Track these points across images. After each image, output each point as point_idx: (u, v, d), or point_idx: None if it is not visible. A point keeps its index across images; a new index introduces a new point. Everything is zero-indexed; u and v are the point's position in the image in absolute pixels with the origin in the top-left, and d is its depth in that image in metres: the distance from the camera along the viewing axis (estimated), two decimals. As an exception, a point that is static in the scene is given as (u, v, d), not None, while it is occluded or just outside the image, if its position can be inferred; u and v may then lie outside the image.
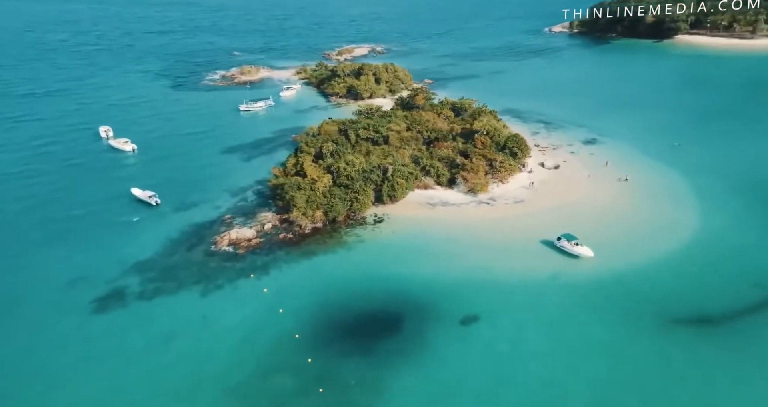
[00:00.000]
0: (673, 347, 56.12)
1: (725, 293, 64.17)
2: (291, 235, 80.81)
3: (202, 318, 63.87)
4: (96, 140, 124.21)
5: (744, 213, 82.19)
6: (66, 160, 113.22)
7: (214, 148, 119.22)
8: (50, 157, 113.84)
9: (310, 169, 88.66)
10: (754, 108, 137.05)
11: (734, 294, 63.89)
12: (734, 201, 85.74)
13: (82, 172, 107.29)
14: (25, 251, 78.20)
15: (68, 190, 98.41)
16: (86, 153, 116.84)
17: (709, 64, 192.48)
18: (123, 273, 72.45)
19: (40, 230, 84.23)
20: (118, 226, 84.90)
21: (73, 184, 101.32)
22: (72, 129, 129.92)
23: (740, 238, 74.76)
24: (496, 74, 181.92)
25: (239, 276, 71.48)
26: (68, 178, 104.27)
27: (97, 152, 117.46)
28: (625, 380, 52.25)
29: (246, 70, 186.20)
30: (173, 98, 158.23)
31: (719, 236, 75.70)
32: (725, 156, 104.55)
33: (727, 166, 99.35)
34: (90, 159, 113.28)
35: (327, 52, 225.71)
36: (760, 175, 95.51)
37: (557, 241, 73.24)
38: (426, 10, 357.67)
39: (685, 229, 77.28)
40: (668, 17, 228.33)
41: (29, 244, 79.96)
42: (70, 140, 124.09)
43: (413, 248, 76.12)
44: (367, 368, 55.13)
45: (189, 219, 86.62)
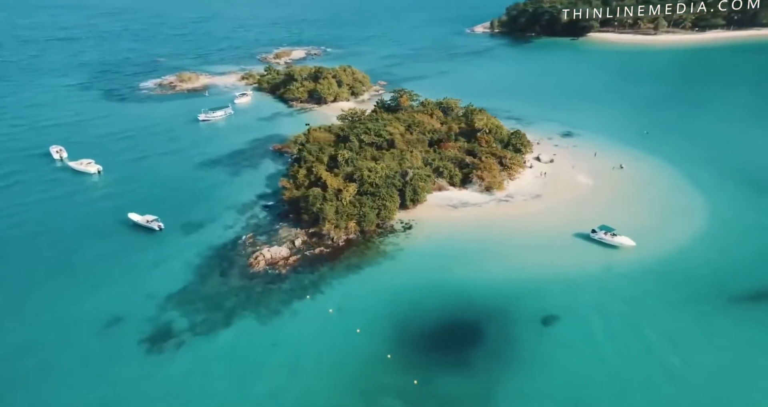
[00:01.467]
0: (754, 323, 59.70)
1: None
2: (327, 249, 77.31)
3: (272, 346, 59.39)
4: (49, 162, 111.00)
5: (738, 192, 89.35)
6: (28, 187, 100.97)
7: (188, 163, 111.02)
8: (10, 187, 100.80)
9: (331, 179, 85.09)
10: (690, 95, 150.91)
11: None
12: (724, 181, 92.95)
13: (56, 200, 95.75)
14: (36, 298, 68.29)
15: (52, 223, 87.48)
16: (48, 179, 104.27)
17: (629, 58, 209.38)
18: (160, 309, 65.60)
19: (41, 272, 73.97)
20: (128, 257, 76.54)
21: (53, 215, 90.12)
22: (19, 153, 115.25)
23: (751, 216, 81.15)
24: (444, 74, 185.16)
25: (292, 298, 67.18)
26: (43, 208, 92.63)
27: (60, 177, 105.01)
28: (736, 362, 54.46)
29: (185, 77, 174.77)
30: (118, 112, 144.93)
31: (731, 214, 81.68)
32: (693, 140, 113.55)
33: (700, 149, 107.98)
34: (56, 186, 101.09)
35: (263, 56, 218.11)
36: (735, 156, 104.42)
37: (593, 234, 75.70)
38: (345, 14, 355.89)
39: (697, 211, 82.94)
40: (581, 16, 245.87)
41: (36, 290, 69.91)
42: (22, 165, 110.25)
43: (455, 252, 75.37)
44: (472, 382, 53.60)
45: (205, 242, 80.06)
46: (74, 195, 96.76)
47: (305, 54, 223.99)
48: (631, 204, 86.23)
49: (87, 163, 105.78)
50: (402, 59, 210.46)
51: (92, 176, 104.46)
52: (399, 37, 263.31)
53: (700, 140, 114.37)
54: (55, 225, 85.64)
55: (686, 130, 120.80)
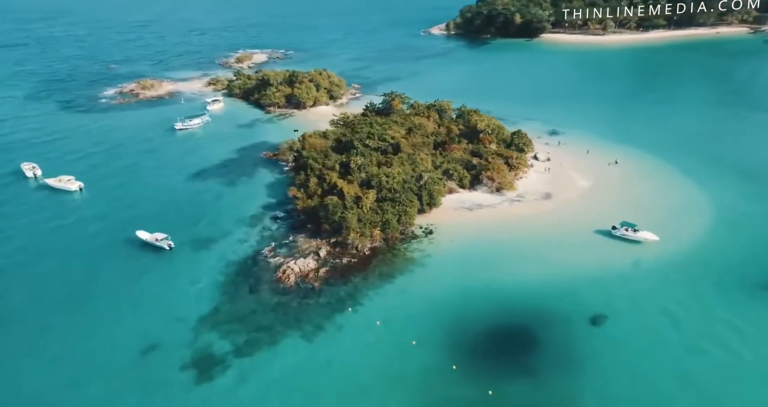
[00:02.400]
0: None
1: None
2: (354, 259, 75.12)
3: (326, 365, 56.90)
4: (23, 181, 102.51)
5: (729, 180, 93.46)
6: (6, 209, 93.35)
7: (177, 175, 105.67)
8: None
9: (347, 186, 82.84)
10: (652, 90, 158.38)
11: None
12: (713, 170, 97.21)
13: (44, 223, 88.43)
14: (56, 333, 62.58)
15: (47, 249, 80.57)
16: (27, 200, 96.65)
17: (585, 57, 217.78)
18: (196, 332, 61.76)
19: (53, 304, 67.82)
20: (145, 280, 71.84)
21: (45, 240, 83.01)
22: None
23: (753, 206, 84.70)
24: (416, 76, 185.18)
25: (333, 312, 64.78)
26: (32, 233, 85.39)
27: (39, 196, 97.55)
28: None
29: (147, 85, 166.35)
30: (84, 124, 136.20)
31: (733, 202, 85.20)
32: (670, 132, 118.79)
33: (679, 140, 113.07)
34: (38, 206, 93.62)
35: (224, 60, 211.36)
36: (712, 145, 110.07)
37: (615, 230, 77.25)
38: (298, 17, 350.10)
39: (702, 203, 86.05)
40: (535, 18, 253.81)
41: (54, 324, 63.98)
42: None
43: (483, 255, 74.92)
44: (546, 389, 52.61)
45: (222, 259, 76.18)
46: (62, 216, 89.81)
47: (267, 57, 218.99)
48: (639, 199, 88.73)
49: (67, 179, 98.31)
50: (369, 62, 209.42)
51: (73, 194, 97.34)
52: (358, 39, 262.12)
53: (677, 132, 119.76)
54: (52, 251, 78.98)
55: (660, 124, 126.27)
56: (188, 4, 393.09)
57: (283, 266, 72.61)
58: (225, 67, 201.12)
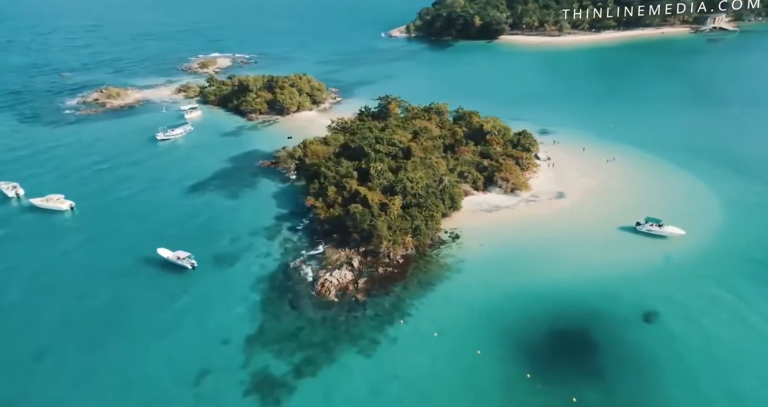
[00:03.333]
0: None
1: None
2: (389, 268, 73.34)
3: (394, 379, 55.15)
4: (4, 202, 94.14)
5: (726, 173, 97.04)
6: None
7: (174, 189, 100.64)
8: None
9: (370, 194, 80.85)
10: (622, 90, 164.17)
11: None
12: (707, 165, 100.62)
13: (43, 247, 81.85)
14: (94, 366, 57.76)
15: (56, 274, 74.32)
16: (14, 222, 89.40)
17: (547, 58, 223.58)
18: (247, 354, 58.75)
19: (80, 334, 62.60)
20: (175, 302, 67.57)
21: (51, 265, 76.63)
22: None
23: (756, 197, 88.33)
24: (389, 78, 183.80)
25: (384, 325, 62.98)
26: (32, 258, 78.69)
27: (27, 218, 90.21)
28: None
29: (112, 93, 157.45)
30: (56, 138, 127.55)
31: (737, 195, 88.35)
32: (655, 129, 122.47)
33: (666, 136, 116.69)
34: (29, 228, 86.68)
35: (186, 65, 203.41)
36: (698, 140, 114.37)
37: (640, 226, 79.11)
38: (252, 20, 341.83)
39: (709, 195, 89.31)
40: (494, 20, 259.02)
41: (87, 357, 59.01)
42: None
43: (516, 258, 74.68)
44: (625, 392, 52.56)
45: (250, 275, 73.03)
46: (63, 238, 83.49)
47: (231, 62, 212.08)
48: (649, 194, 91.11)
49: (56, 198, 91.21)
50: (338, 65, 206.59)
51: (65, 214, 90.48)
52: (321, 42, 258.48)
53: (657, 128, 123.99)
54: (67, 278, 72.81)
55: (639, 121, 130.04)
56: (132, 7, 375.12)
57: (320, 279, 70.09)
58: (189, 73, 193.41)
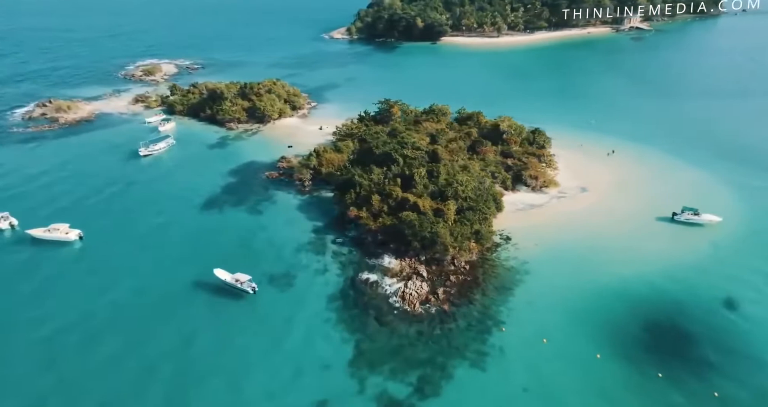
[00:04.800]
0: None
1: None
2: (461, 276, 71.77)
3: (524, 392, 53.87)
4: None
5: (719, 161, 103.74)
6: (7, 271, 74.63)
7: (183, 208, 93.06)
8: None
9: (421, 200, 78.58)
10: (582, 86, 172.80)
11: None
12: (700, 153, 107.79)
13: (73, 284, 72.75)
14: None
15: (106, 312, 66.71)
16: (20, 258, 78.11)
17: (494, 57, 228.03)
18: (357, 379, 55.86)
19: (167, 377, 56.57)
20: (252, 330, 62.67)
21: (96, 303, 68.31)
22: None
23: (762, 181, 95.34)
24: (353, 81, 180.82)
25: (484, 334, 61.89)
26: (57, 295, 69.96)
27: (33, 252, 79.22)
28: None
29: (62, 106, 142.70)
30: (20, 159, 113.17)
31: (744, 181, 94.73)
32: (635, 121, 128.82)
33: (648, 128, 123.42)
34: (42, 264, 76.39)
35: (127, 73, 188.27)
36: (681, 131, 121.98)
37: (678, 215, 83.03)
38: (181, 22, 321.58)
39: (717, 181, 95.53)
40: (436, 22, 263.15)
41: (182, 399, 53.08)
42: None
43: (576, 256, 75.59)
44: (749, 383, 54.26)
45: (317, 294, 69.55)
46: (89, 271, 74.32)
47: (176, 68, 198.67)
48: (663, 184, 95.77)
49: (63, 229, 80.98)
50: (292, 69, 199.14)
51: (73, 244, 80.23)
52: (264, 45, 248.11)
53: (634, 119, 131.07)
54: (114, 316, 64.94)
55: (615, 113, 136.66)
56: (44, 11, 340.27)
57: (398, 292, 67.17)
58: (134, 81, 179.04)
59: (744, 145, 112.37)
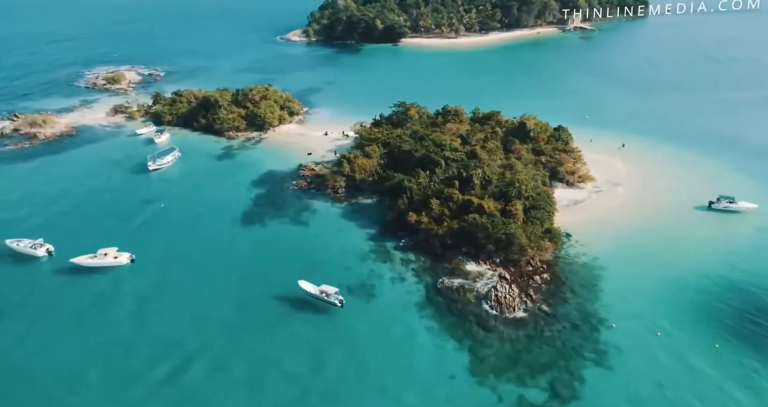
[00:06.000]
0: None
1: None
2: (543, 276, 72.12)
3: (660, 387, 54.47)
4: (29, 264, 73.96)
5: (721, 149, 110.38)
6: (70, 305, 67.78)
7: (222, 223, 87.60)
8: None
9: (486, 202, 78.05)
10: (560, 84, 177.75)
11: None
12: (705, 144, 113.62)
13: (148, 314, 67.56)
14: None
15: (204, 339, 62.48)
16: (79, 289, 70.56)
17: (460, 57, 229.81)
18: (487, 387, 55.17)
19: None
20: (360, 347, 60.28)
21: (185, 327, 64.03)
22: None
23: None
24: (333, 84, 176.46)
25: (594, 333, 62.52)
26: (145, 331, 64.57)
27: (85, 281, 71.45)
28: None
29: (37, 120, 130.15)
30: (19, 181, 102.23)
31: (753, 168, 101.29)
32: (623, 115, 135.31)
33: (645, 121, 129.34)
34: (113, 296, 69.49)
35: (87, 81, 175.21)
36: (677, 123, 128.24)
37: (715, 204, 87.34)
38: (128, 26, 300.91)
39: (734, 169, 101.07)
40: (396, 24, 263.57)
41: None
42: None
43: (643, 249, 77.64)
44: None
45: (405, 303, 68.09)
46: (155, 298, 68.43)
47: (138, 75, 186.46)
48: (684, 174, 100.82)
49: (110, 252, 73.77)
50: (262, 73, 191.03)
51: (124, 268, 73.14)
52: (223, 49, 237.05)
53: (625, 113, 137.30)
54: (203, 340, 60.69)
55: (604, 108, 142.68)
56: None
57: (489, 296, 66.56)
58: (99, 91, 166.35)
59: (736, 135, 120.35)
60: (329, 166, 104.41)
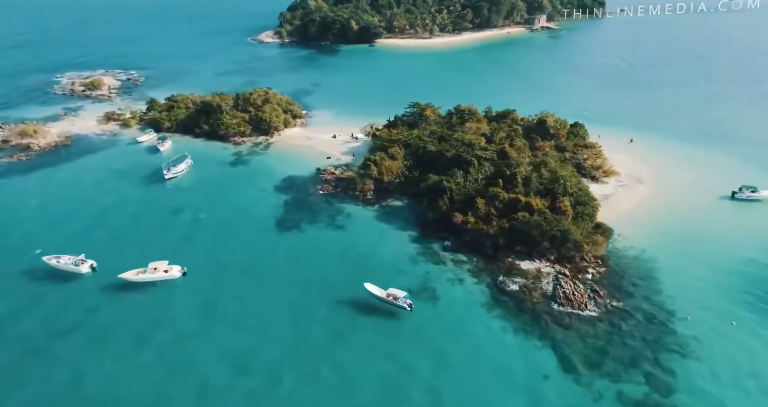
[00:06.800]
0: None
1: None
2: (600, 269, 72.90)
3: (752, 376, 55.66)
4: (72, 281, 69.75)
5: (720, 141, 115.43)
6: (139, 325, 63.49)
7: (260, 231, 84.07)
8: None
9: (533, 200, 78.30)
10: (547, 82, 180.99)
11: None
12: (706, 137, 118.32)
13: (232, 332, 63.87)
14: None
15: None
16: (139, 305, 66.77)
17: (438, 57, 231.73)
18: (582, 384, 54.88)
19: None
20: (442, 349, 59.08)
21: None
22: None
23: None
24: (321, 86, 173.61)
25: (669, 325, 63.08)
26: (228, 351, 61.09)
27: (141, 297, 67.39)
28: None
29: (28, 131, 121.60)
30: (30, 197, 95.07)
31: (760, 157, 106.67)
32: (628, 112, 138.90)
33: (646, 116, 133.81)
34: (183, 313, 65.40)
35: (63, 88, 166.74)
36: (674, 118, 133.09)
37: (738, 193, 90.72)
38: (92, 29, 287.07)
39: (741, 160, 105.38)
40: (371, 24, 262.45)
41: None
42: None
43: (687, 240, 79.15)
44: None
45: (480, 303, 67.22)
46: (223, 314, 64.80)
47: (117, 81, 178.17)
48: (698, 166, 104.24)
49: (160, 266, 70.15)
50: (244, 76, 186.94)
51: (176, 281, 70.08)
52: (197, 52, 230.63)
53: (620, 108, 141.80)
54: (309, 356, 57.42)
55: (598, 104, 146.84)
56: None
57: (556, 293, 66.86)
58: (80, 98, 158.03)
59: (732, 128, 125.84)
60: (353, 168, 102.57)
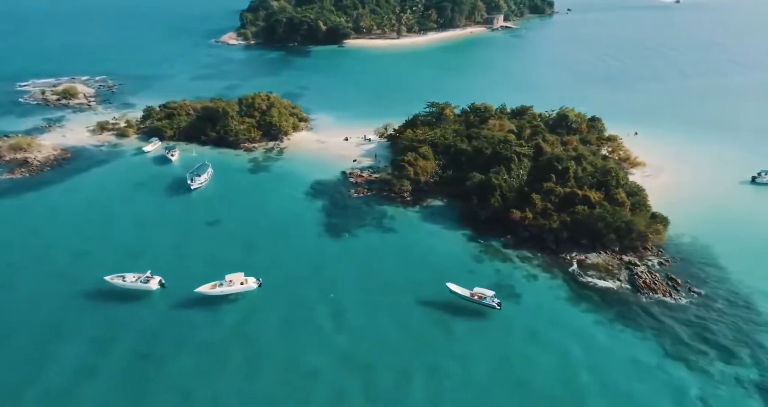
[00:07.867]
0: None
1: None
2: (665, 258, 74.90)
3: None
4: (141, 300, 64.85)
5: (724, 133, 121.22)
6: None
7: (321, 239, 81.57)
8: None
9: (591, 193, 79.37)
10: (529, 80, 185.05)
11: None
12: (699, 126, 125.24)
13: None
14: None
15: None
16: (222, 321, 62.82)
17: (412, 56, 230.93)
18: (685, 371, 56.19)
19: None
20: (538, 351, 59.21)
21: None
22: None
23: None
24: (309, 89, 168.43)
25: (753, 307, 65.65)
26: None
27: (222, 313, 63.66)
28: None
29: (20, 144, 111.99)
30: (64, 211, 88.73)
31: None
32: (612, 105, 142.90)
33: (644, 112, 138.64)
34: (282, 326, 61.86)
35: (35, 98, 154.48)
36: (665, 110, 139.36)
37: (759, 178, 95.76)
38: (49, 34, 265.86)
39: (744, 147, 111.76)
40: (339, 25, 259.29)
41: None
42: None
43: (726, 224, 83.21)
44: None
45: (554, 301, 67.76)
46: (308, 325, 61.60)
47: (89, 86, 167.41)
48: (709, 154, 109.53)
49: (236, 278, 66.60)
50: (224, 80, 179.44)
51: (253, 293, 66.85)
52: (162, 57, 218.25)
53: (609, 104, 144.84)
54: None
55: (589, 100, 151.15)
56: None
57: (639, 283, 68.74)
58: (57, 107, 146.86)
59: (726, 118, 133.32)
60: (384, 170, 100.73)
